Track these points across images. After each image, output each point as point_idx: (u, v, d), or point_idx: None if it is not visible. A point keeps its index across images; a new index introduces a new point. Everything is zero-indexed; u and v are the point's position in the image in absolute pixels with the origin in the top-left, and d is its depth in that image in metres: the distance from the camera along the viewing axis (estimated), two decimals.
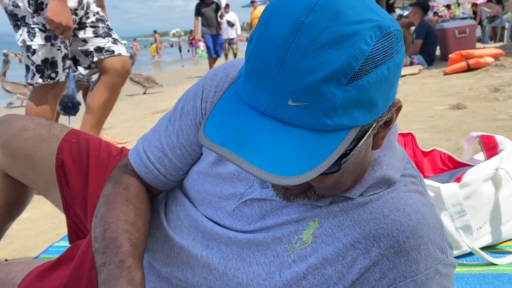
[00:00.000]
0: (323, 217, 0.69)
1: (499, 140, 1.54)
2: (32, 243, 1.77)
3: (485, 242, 1.37)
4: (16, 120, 1.11)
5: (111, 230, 0.75)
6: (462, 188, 1.31)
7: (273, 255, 0.71)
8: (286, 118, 0.52)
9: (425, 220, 0.66)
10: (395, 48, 0.54)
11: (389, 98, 0.57)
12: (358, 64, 0.50)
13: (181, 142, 0.83)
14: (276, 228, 0.72)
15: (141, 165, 0.86)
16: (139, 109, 5.56)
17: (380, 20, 0.52)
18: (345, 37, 0.50)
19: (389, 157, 0.72)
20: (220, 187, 0.79)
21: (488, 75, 4.95)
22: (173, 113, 0.86)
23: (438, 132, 2.86)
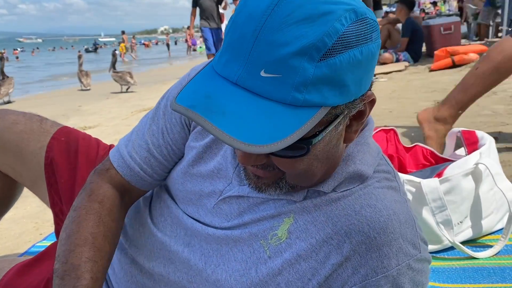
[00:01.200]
0: (297, 213, 0.70)
1: (479, 135, 1.56)
2: (15, 243, 1.75)
3: (466, 236, 1.39)
4: (8, 114, 1.11)
5: (76, 255, 0.72)
6: (443, 183, 1.32)
7: (250, 251, 0.71)
8: (257, 89, 0.52)
9: (396, 216, 0.66)
10: (369, 35, 0.54)
11: (362, 85, 0.57)
12: (331, 41, 0.51)
13: (167, 141, 0.83)
14: (252, 224, 0.72)
15: (125, 167, 0.84)
16: (125, 107, 5.52)
17: (356, 6, 0.54)
18: (320, 14, 0.51)
19: (363, 152, 0.72)
20: (200, 185, 0.79)
21: None
22: (156, 111, 0.85)
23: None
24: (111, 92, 7.59)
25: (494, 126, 2.72)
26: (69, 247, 0.73)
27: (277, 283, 0.68)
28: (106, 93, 7.52)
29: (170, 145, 0.83)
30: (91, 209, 0.79)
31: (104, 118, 4.80)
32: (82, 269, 0.70)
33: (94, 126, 4.34)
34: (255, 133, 0.50)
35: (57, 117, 5.12)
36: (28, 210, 2.10)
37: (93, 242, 0.74)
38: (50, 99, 7.51)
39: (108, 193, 0.83)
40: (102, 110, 5.52)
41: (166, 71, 12.68)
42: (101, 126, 4.32)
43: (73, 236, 0.75)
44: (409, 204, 0.71)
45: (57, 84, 10.56)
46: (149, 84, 8.38)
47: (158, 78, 9.48)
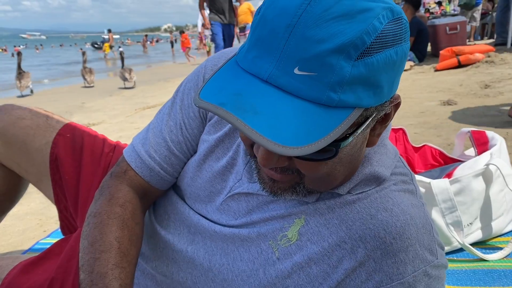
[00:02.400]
0: (309, 214, 0.67)
1: (490, 136, 1.54)
2: (19, 239, 1.73)
3: (476, 238, 1.37)
4: (14, 109, 1.09)
5: (101, 262, 0.69)
6: (453, 184, 1.30)
7: (257, 251, 0.69)
8: (290, 87, 0.49)
9: (413, 221, 0.64)
10: (404, 35, 0.52)
11: (393, 87, 0.55)
12: (370, 39, 0.48)
13: (186, 137, 0.80)
14: (261, 224, 0.70)
15: (144, 168, 0.81)
16: (129, 104, 5.50)
17: (392, 4, 0.52)
18: (359, 11, 0.48)
19: (380, 154, 0.69)
20: (209, 181, 0.77)
21: (479, 71, 4.98)
22: (172, 106, 0.82)
23: (429, 128, 2.86)
24: (115, 89, 7.59)
25: (502, 127, 2.69)
26: (94, 255, 0.70)
27: (286, 285, 0.66)
28: (110, 90, 7.51)
29: (189, 141, 0.80)
30: (113, 213, 0.75)
31: (107, 115, 4.78)
32: (110, 277, 0.67)
33: (98, 123, 4.33)
34: (289, 134, 0.47)
35: (61, 114, 5.09)
36: (32, 207, 2.09)
37: (118, 247, 0.71)
38: (53, 96, 7.50)
39: (129, 196, 0.79)
40: (106, 107, 5.51)
41: (169, 68, 12.68)
42: (105, 123, 4.30)
43: (96, 243, 0.71)
44: (426, 208, 0.69)
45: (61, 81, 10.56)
46: (152, 81, 8.36)
47: (161, 76, 9.46)
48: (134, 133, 3.67)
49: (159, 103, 5.31)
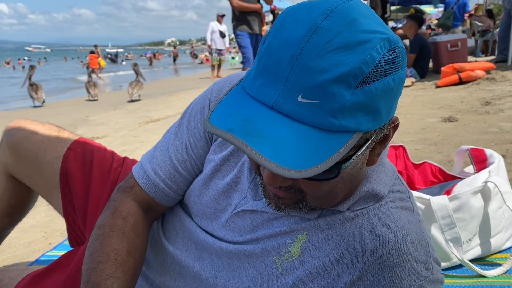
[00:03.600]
0: (311, 230, 0.70)
1: (488, 154, 1.57)
2: (24, 252, 1.76)
3: (475, 254, 1.39)
4: (27, 123, 1.14)
5: (97, 272, 0.72)
6: (452, 200, 1.33)
7: (262, 267, 0.72)
8: (294, 114, 0.53)
9: (409, 237, 0.66)
10: (400, 62, 0.56)
11: (391, 111, 0.59)
12: (368, 69, 0.52)
13: (191, 156, 0.84)
14: (265, 240, 0.73)
15: (149, 184, 0.85)
16: (133, 118, 5.55)
17: (389, 34, 0.56)
18: (358, 43, 0.52)
19: (378, 172, 0.73)
20: (215, 199, 0.80)
21: (480, 88, 5.02)
22: (179, 127, 0.86)
23: (430, 144, 2.89)
24: (119, 103, 7.65)
25: (501, 144, 2.72)
26: (92, 265, 0.73)
27: None
28: (114, 104, 7.58)
29: (194, 160, 0.84)
30: (114, 225, 0.79)
31: (111, 129, 4.83)
32: (102, 285, 0.70)
33: (102, 136, 4.37)
34: (293, 158, 0.51)
35: (65, 127, 5.14)
36: (37, 219, 2.12)
37: (115, 258, 0.74)
38: (57, 109, 7.57)
39: (132, 209, 0.83)
40: (110, 120, 5.56)
41: (172, 82, 12.78)
42: (109, 137, 4.34)
43: (95, 253, 0.75)
44: (422, 224, 0.72)
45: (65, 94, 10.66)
46: (155, 95, 8.43)
47: (165, 90, 9.54)
48: (138, 147, 3.71)
49: (162, 117, 5.36)
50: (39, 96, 8.22)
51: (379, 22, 0.57)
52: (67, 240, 1.77)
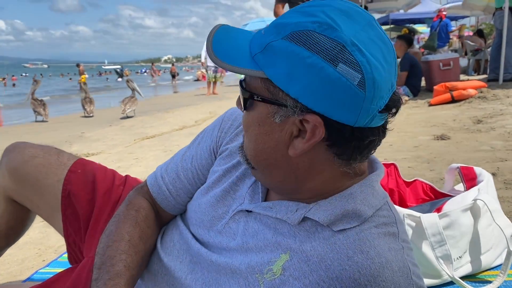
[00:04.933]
0: (294, 250, 0.72)
1: (477, 172, 1.60)
2: (17, 269, 1.75)
3: (465, 271, 1.41)
4: (27, 147, 1.15)
5: (112, 248, 0.82)
6: (442, 218, 1.35)
7: (245, 284, 0.74)
8: (252, 38, 0.71)
9: (389, 264, 0.66)
10: (333, 57, 0.61)
11: (306, 95, 0.63)
12: (296, 29, 0.63)
13: (194, 166, 0.92)
14: (253, 252, 0.75)
15: (155, 186, 0.95)
16: (128, 135, 5.57)
17: (341, 30, 0.62)
18: (310, 14, 0.64)
19: (366, 193, 0.72)
20: (213, 206, 0.85)
21: (472, 106, 5.09)
22: (194, 141, 0.97)
23: (422, 162, 2.93)
24: (114, 119, 7.67)
25: (492, 162, 2.76)
26: (107, 243, 0.83)
27: None
28: (109, 120, 7.60)
29: (196, 170, 0.92)
30: (128, 215, 0.89)
31: (107, 145, 4.84)
32: (117, 259, 0.79)
33: (97, 153, 4.38)
34: (225, 55, 0.69)
35: (60, 144, 5.16)
36: (31, 236, 2.12)
37: (129, 239, 0.84)
38: (53, 125, 7.58)
39: (144, 204, 0.93)
40: (105, 137, 5.57)
41: (169, 99, 12.84)
42: (104, 153, 4.35)
43: (111, 235, 0.85)
44: (407, 251, 0.70)
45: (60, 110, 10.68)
46: (151, 112, 8.47)
47: (161, 107, 9.58)
48: (133, 163, 3.72)
49: (158, 134, 5.38)
50: (47, 113, 8.42)
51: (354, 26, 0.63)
52: (61, 257, 1.78)
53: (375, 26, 0.65)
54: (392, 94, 0.67)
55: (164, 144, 4.58)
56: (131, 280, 0.79)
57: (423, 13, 15.57)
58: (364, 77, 0.61)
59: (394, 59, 0.67)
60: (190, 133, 5.23)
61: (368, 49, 0.62)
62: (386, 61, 0.64)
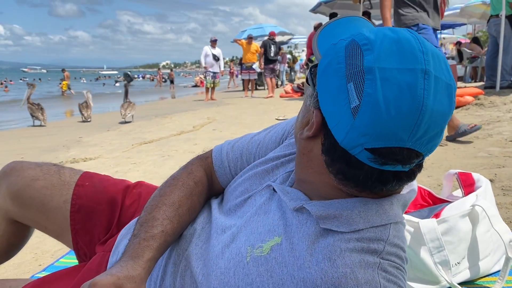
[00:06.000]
0: (286, 237, 0.72)
1: (476, 178, 1.60)
2: (14, 273, 1.74)
3: (464, 277, 1.41)
4: (25, 169, 1.12)
5: (159, 211, 0.84)
6: (440, 223, 1.35)
7: (236, 252, 0.76)
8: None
9: (354, 275, 0.64)
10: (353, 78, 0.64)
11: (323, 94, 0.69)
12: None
13: (258, 152, 0.96)
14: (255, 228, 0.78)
15: (219, 159, 0.98)
16: (126, 140, 5.56)
17: (374, 63, 0.63)
18: (373, 31, 0.67)
19: (367, 208, 0.71)
20: (249, 179, 0.90)
21: (469, 113, 5.11)
22: (265, 129, 1.01)
23: None
24: (112, 124, 7.67)
25: (490, 168, 2.77)
26: (157, 204, 0.86)
27: None
28: (107, 125, 7.59)
29: (258, 157, 0.95)
30: (186, 184, 0.92)
31: (104, 150, 4.83)
32: (159, 222, 0.82)
33: (95, 157, 4.36)
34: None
35: (58, 148, 5.14)
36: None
37: (178, 207, 0.87)
38: (50, 130, 7.56)
39: (203, 179, 0.96)
40: (103, 142, 5.56)
41: (167, 104, 12.85)
42: (102, 158, 4.34)
43: (164, 196, 0.88)
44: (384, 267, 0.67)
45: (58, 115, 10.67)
46: (149, 117, 8.46)
47: (159, 112, 9.58)
48: (131, 168, 3.71)
49: (156, 139, 5.37)
50: (45, 118, 8.37)
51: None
52: (58, 262, 1.77)
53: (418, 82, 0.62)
54: (398, 149, 0.63)
55: (162, 149, 4.57)
56: (164, 244, 0.81)
57: None
58: (360, 106, 0.62)
59: (416, 120, 0.61)
60: (188, 138, 5.23)
61: (384, 88, 0.60)
62: (398, 112, 0.61)
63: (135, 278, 0.69)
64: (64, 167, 1.18)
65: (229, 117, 7.22)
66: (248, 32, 17.49)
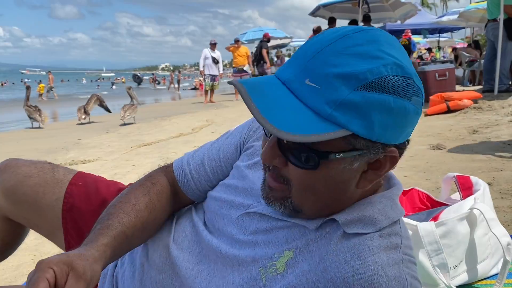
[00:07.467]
0: (299, 249, 0.73)
1: (474, 181, 1.61)
2: (12, 275, 1.74)
3: (462, 280, 1.41)
4: (19, 166, 1.12)
5: (116, 207, 0.86)
6: (439, 226, 1.35)
7: (248, 276, 0.76)
8: (298, 92, 0.63)
9: (384, 273, 0.66)
10: (409, 93, 0.63)
11: (387, 133, 0.63)
12: (372, 77, 0.60)
13: (219, 157, 0.96)
14: (260, 247, 0.77)
15: (179, 168, 0.98)
16: (125, 142, 5.56)
17: (406, 65, 0.63)
18: (373, 56, 0.61)
19: (384, 205, 0.74)
20: (233, 197, 0.87)
21: (467, 117, 5.13)
22: (223, 135, 1.01)
23: (419, 171, 2.94)
24: (111, 126, 7.66)
25: (488, 172, 2.77)
26: (113, 203, 0.89)
27: None
28: (106, 127, 7.59)
29: (220, 161, 0.96)
30: (143, 185, 0.94)
31: (103, 152, 4.83)
32: (115, 215, 0.83)
33: (94, 160, 4.36)
34: (281, 121, 0.60)
35: (57, 150, 5.14)
36: (26, 242, 2.09)
37: (134, 203, 0.88)
38: (49, 132, 7.56)
39: (162, 180, 0.96)
40: (102, 144, 5.56)
41: (166, 107, 12.84)
42: (101, 160, 4.34)
43: (121, 197, 0.90)
44: (406, 263, 0.70)
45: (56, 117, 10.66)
46: (149, 119, 8.46)
47: (158, 114, 9.59)
48: (129, 171, 3.71)
49: (154, 141, 5.37)
50: (44, 119, 8.41)
51: (402, 54, 0.64)
52: None
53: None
54: None
55: (160, 152, 4.58)
56: (122, 235, 0.80)
57: (419, 24, 15.72)
58: (423, 99, 0.66)
59: None
60: (187, 140, 5.23)
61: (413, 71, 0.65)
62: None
63: (86, 256, 0.69)
64: (58, 165, 1.17)
65: (228, 120, 7.22)
66: (248, 35, 17.50)
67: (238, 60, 12.50)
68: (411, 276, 0.69)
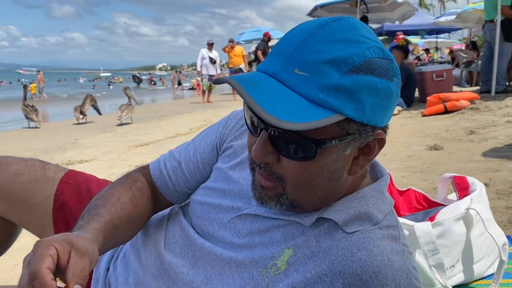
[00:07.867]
0: (298, 246, 0.73)
1: (470, 181, 1.61)
2: (9, 275, 1.74)
3: (458, 280, 1.41)
4: (10, 163, 1.11)
5: (100, 201, 0.86)
6: (435, 227, 1.36)
7: (249, 277, 0.75)
8: (288, 81, 0.63)
9: (390, 263, 0.68)
10: (391, 75, 0.65)
11: (376, 114, 0.65)
12: (359, 60, 0.62)
13: (196, 157, 0.95)
14: (258, 248, 0.77)
15: (156, 170, 0.98)
16: (123, 142, 5.55)
17: (384, 48, 0.66)
18: (355, 41, 0.63)
19: (377, 199, 0.76)
20: (220, 200, 0.86)
21: (464, 117, 5.14)
22: (199, 135, 1.00)
23: (416, 172, 2.94)
24: (108, 126, 7.65)
25: (485, 172, 2.78)
26: (97, 197, 0.88)
27: None
28: (103, 127, 7.58)
29: (197, 161, 0.95)
30: (124, 182, 0.94)
31: (100, 152, 4.82)
32: (101, 206, 0.83)
33: (91, 159, 4.36)
34: (278, 110, 0.60)
35: (54, 150, 5.13)
36: (23, 242, 2.09)
37: (118, 197, 0.88)
38: (45, 132, 7.54)
39: (141, 179, 0.97)
40: (99, 144, 5.55)
41: (164, 107, 12.83)
42: (98, 160, 4.33)
43: (103, 192, 0.90)
44: (407, 254, 0.73)
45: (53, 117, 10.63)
46: (146, 119, 8.45)
47: (155, 114, 9.57)
48: (126, 170, 3.70)
49: (152, 141, 5.37)
50: (40, 119, 8.42)
51: (377, 40, 0.67)
52: None
53: None
54: None
55: (158, 152, 4.57)
56: (111, 224, 0.81)
57: (417, 25, 15.76)
58: (399, 80, 0.68)
59: None
60: (184, 140, 5.17)
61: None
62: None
63: (84, 237, 0.71)
64: (49, 163, 1.16)
65: None
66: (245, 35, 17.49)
67: (234, 60, 12.51)
68: (412, 266, 0.72)
